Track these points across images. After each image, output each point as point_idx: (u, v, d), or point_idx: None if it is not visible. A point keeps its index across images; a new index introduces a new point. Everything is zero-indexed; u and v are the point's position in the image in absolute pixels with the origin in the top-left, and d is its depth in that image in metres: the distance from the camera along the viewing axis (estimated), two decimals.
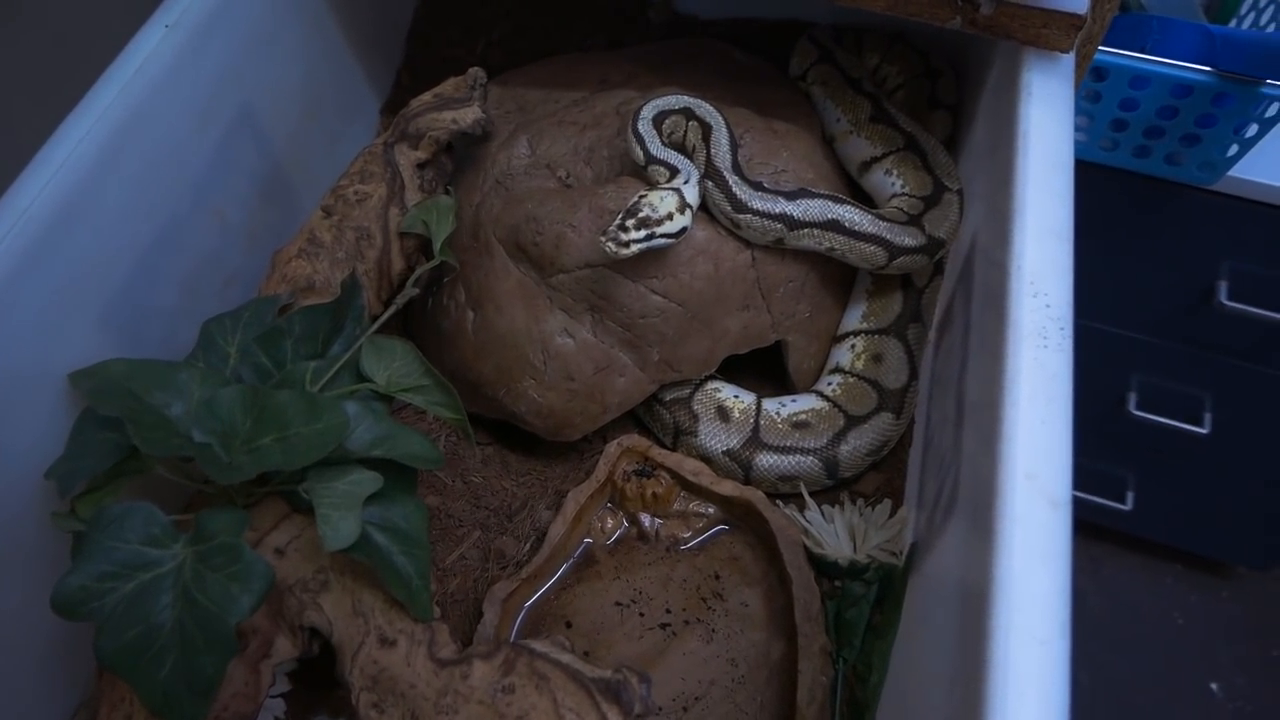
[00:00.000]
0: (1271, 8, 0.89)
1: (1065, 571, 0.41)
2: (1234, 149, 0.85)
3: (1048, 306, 0.48)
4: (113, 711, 0.52)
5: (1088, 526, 1.49)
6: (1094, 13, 0.58)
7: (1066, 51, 0.57)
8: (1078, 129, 0.89)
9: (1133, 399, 1.16)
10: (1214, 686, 1.41)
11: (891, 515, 0.66)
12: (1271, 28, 0.88)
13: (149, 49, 0.62)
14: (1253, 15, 0.92)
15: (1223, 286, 0.99)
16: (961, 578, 0.47)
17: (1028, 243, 0.50)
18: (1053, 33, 0.56)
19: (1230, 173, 0.89)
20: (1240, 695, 1.40)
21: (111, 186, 0.59)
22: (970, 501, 0.49)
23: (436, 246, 0.66)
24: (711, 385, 0.70)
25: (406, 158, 0.69)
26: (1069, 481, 0.43)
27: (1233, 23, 0.95)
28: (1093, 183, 0.94)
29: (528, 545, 0.67)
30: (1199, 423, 1.14)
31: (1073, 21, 0.55)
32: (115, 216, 0.60)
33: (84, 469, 0.52)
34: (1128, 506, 1.32)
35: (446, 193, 0.72)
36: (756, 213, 0.63)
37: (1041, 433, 0.44)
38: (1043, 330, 0.47)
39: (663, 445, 0.70)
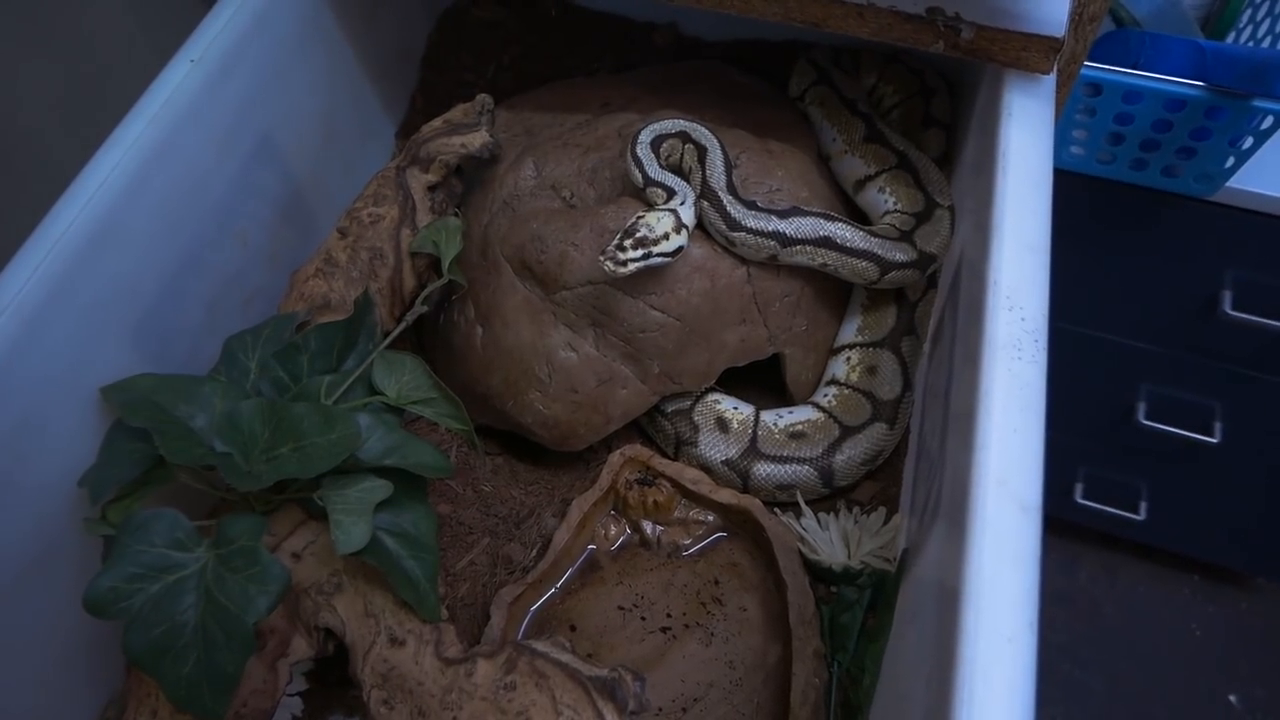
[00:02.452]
0: (1269, 21, 0.90)
1: (1034, 573, 0.43)
2: (1230, 161, 0.86)
3: (1023, 320, 0.50)
4: (140, 706, 0.55)
5: (1102, 536, 1.49)
6: (1074, 34, 0.60)
7: (1046, 73, 0.59)
8: (1076, 142, 0.91)
9: (1142, 409, 1.17)
10: (1232, 698, 1.40)
11: (886, 522, 0.68)
12: (1268, 41, 0.89)
13: (175, 83, 0.65)
14: (1250, 28, 0.93)
15: (1226, 296, 1.00)
16: (940, 579, 0.49)
17: (1004, 258, 0.52)
18: (1032, 55, 0.58)
19: (1229, 183, 0.90)
20: (1259, 707, 1.38)
21: (140, 213, 0.63)
22: (950, 507, 0.50)
23: (445, 265, 0.69)
24: (711, 397, 0.73)
25: (418, 181, 0.73)
26: (1039, 487, 0.45)
27: (1231, 36, 0.96)
28: (1092, 195, 0.96)
29: (534, 551, 0.70)
30: (1209, 432, 1.14)
31: (1051, 45, 0.57)
32: (144, 241, 0.63)
33: (114, 477, 0.56)
34: (1141, 516, 1.32)
35: (456, 214, 0.75)
36: (750, 231, 0.66)
37: (1014, 441, 0.46)
38: (1017, 342, 0.49)
39: (664, 455, 0.73)
